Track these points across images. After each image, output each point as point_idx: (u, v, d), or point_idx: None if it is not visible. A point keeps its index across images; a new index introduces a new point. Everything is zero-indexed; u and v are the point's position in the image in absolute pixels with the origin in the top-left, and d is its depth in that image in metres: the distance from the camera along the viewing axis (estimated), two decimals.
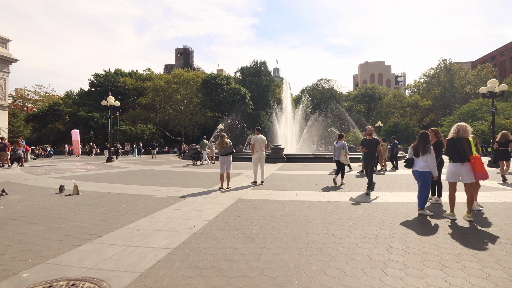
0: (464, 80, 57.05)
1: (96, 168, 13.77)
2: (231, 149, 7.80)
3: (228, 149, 7.74)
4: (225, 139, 7.81)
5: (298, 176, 10.11)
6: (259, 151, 8.28)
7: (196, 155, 16.87)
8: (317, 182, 8.66)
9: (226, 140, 7.80)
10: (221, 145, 7.75)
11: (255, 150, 8.30)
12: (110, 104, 18.36)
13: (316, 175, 10.61)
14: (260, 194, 6.54)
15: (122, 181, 8.99)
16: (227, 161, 7.68)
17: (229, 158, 7.76)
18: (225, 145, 7.72)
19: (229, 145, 7.79)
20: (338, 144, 8.49)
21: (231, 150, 7.80)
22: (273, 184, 8.13)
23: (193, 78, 49.34)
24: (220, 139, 7.84)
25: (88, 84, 57.16)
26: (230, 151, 7.77)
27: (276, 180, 9.10)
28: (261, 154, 8.31)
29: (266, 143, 8.51)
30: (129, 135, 40.43)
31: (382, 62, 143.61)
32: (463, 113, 41.51)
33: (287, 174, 10.95)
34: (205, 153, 16.48)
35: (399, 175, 10.66)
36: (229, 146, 7.80)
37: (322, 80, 69.76)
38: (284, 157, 17.60)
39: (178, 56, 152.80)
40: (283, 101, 26.38)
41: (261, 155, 8.32)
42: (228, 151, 7.74)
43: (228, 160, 7.71)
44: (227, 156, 7.72)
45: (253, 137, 8.36)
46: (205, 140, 16.82)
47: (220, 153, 7.80)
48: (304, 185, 7.95)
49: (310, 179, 9.28)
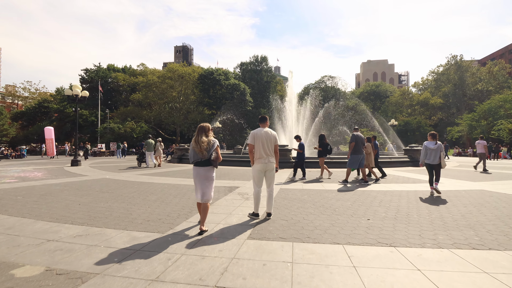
0: (475, 77, 53.62)
1: (39, 176, 10.19)
2: (215, 155, 3.87)
3: (210, 153, 3.85)
4: (203, 135, 3.87)
5: (326, 196, 6.51)
6: (264, 158, 4.43)
7: (141, 156, 15.05)
8: (371, 207, 5.10)
9: (205, 137, 3.86)
10: (198, 144, 3.83)
11: (257, 156, 4.46)
12: (75, 94, 14.76)
13: (361, 191, 7.03)
14: (266, 263, 2.84)
15: (30, 208, 5.40)
16: (204, 176, 3.87)
17: (210, 172, 3.92)
18: (204, 145, 3.80)
19: (211, 146, 3.87)
20: (433, 145, 6.69)
21: (215, 156, 3.87)
22: (290, 222, 4.30)
23: (189, 73, 45.72)
24: (197, 134, 3.92)
25: (79, 80, 53.69)
26: (212, 158, 3.84)
27: (291, 206, 5.46)
28: (268, 163, 4.47)
29: (277, 143, 4.64)
30: (117, 134, 36.77)
31: (385, 61, 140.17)
32: (484, 110, 37.86)
33: (306, 190, 7.36)
34: (149, 154, 14.73)
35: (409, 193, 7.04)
36: (212, 147, 3.87)
37: (326, 77, 66.21)
38: (292, 160, 14.02)
39: (177, 54, 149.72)
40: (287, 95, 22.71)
41: (268, 166, 4.48)
42: (208, 158, 3.84)
43: (207, 176, 3.88)
44: (206, 168, 3.88)
45: (254, 133, 4.54)
46: (151, 139, 15.06)
47: (194, 158, 3.89)
48: (355, 222, 4.30)
49: (353, 201, 5.71)
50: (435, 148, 6.67)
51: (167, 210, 4.99)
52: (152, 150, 14.88)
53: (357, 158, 8.48)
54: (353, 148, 8.49)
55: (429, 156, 6.72)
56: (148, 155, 14.68)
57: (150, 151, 14.74)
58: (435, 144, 6.69)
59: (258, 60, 55.27)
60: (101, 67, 54.17)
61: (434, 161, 6.64)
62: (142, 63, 58.75)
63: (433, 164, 6.66)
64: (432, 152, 6.67)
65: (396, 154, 18.27)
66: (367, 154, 9.30)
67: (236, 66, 58.41)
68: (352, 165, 8.55)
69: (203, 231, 3.73)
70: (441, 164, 6.62)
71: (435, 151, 6.64)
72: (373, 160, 9.44)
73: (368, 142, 9.59)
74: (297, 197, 6.27)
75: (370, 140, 9.75)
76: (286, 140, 19.50)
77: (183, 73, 45.02)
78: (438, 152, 6.63)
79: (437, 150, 6.65)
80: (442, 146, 6.77)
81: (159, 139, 15.91)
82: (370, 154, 9.37)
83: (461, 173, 11.54)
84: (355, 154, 8.49)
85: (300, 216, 4.59)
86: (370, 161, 9.34)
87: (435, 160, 6.63)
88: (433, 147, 6.68)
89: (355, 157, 8.49)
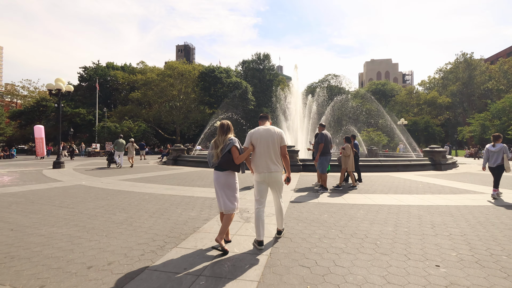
0: (485, 76, 51.67)
1: (3, 182, 8.68)
2: (227, 158, 3.21)
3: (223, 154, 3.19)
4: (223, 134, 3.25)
5: (352, 215, 4.89)
6: (263, 165, 3.32)
7: (110, 157, 14.68)
8: (426, 236, 3.45)
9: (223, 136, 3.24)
10: (217, 144, 3.23)
11: (257, 163, 3.35)
12: (57, 88, 13.23)
13: (396, 206, 5.44)
14: None
15: None
16: (224, 183, 3.22)
17: (230, 177, 3.25)
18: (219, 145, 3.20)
19: (225, 146, 3.19)
20: (495, 147, 6.29)
21: (226, 159, 3.20)
22: (315, 272, 2.70)
23: (189, 71, 44.21)
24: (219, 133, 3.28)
25: (77, 78, 52.46)
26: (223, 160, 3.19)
27: (310, 235, 3.83)
28: (272, 173, 3.31)
29: (284, 143, 3.41)
30: (114, 133, 35.28)
31: (389, 60, 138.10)
32: (498, 109, 35.88)
33: (322, 204, 5.76)
34: (118, 154, 14.26)
35: None
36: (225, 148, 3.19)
37: (330, 76, 64.45)
38: (300, 163, 12.40)
39: (179, 53, 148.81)
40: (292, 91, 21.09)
41: (272, 176, 3.32)
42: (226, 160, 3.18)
43: (227, 182, 3.22)
44: (225, 173, 3.22)
45: (251, 133, 3.42)
46: (122, 139, 14.68)
47: (210, 162, 3.27)
48: (419, 273, 2.69)
49: (393, 224, 4.07)
50: (496, 150, 6.32)
51: (130, 242, 3.42)
52: (122, 150, 14.47)
53: (327, 159, 7.38)
54: (322, 149, 7.26)
55: (490, 158, 6.46)
56: (117, 155, 14.30)
57: (120, 151, 14.37)
58: (496, 146, 6.32)
59: (261, 58, 53.61)
60: (100, 65, 52.89)
61: (495, 163, 6.32)
62: (142, 61, 57.32)
63: (493, 167, 6.37)
64: (493, 155, 6.36)
65: (413, 156, 16.59)
66: (346, 157, 7.78)
67: (238, 64, 56.79)
68: (325, 169, 7.31)
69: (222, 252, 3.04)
70: (503, 167, 6.21)
71: (497, 153, 6.31)
72: (352, 163, 7.86)
73: (347, 142, 8.03)
74: (314, 216, 4.67)
75: (350, 140, 8.17)
76: (291, 141, 17.89)
77: (183, 71, 43.56)
78: (499, 154, 6.28)
79: (498, 152, 6.29)
80: (506, 147, 6.29)
81: (131, 139, 15.64)
82: (350, 157, 7.79)
83: None
84: (325, 155, 7.34)
85: (327, 256, 3.00)
86: (349, 164, 7.78)
87: (496, 162, 6.30)
88: (494, 149, 6.34)
89: (325, 159, 7.34)
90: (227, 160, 3.16)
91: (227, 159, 3.16)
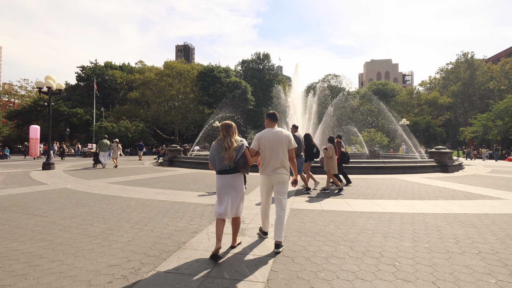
0: (486, 76, 51.14)
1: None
2: (244, 160, 3.08)
3: (238, 157, 3.04)
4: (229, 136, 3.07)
5: (362, 226, 4.33)
6: (270, 167, 3.25)
7: (95, 157, 14.59)
8: (453, 256, 2.86)
9: (232, 137, 3.07)
10: (228, 148, 3.01)
11: (264, 166, 3.29)
12: (47, 86, 12.65)
13: (409, 215, 4.88)
14: None
15: None
16: (234, 185, 3.08)
17: (239, 179, 3.13)
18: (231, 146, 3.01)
19: (239, 149, 3.07)
20: None
21: (243, 162, 3.07)
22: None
23: (188, 70, 43.61)
24: (225, 135, 3.07)
25: (75, 78, 51.94)
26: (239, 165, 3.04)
27: (315, 253, 3.27)
28: (277, 174, 3.25)
29: (292, 146, 3.35)
30: (110, 133, 34.67)
31: (389, 60, 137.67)
32: (500, 110, 35.32)
33: (326, 212, 5.20)
34: (103, 155, 14.27)
35: None
36: (240, 151, 3.06)
37: (330, 75, 63.89)
38: None
39: (178, 53, 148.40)
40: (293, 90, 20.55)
41: (276, 177, 3.26)
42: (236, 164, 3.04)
43: (236, 184, 3.08)
44: (235, 175, 3.09)
45: (259, 136, 3.34)
46: (106, 140, 14.74)
47: (220, 166, 3.06)
48: None
49: (410, 238, 3.48)
50: None
51: (100, 263, 2.84)
52: (106, 150, 14.50)
53: (300, 162, 7.08)
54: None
55: None
56: (102, 155, 14.25)
57: (104, 152, 14.39)
58: None
59: (260, 57, 53.10)
60: (98, 64, 52.28)
61: None
62: (140, 60, 56.71)
63: None
64: None
65: (418, 157, 16.03)
66: (328, 158, 7.23)
67: (238, 63, 56.23)
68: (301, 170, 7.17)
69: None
70: None
71: None
72: (335, 165, 7.29)
73: (330, 143, 7.44)
74: (318, 228, 4.11)
75: (333, 140, 7.55)
76: None
77: (182, 70, 42.97)
78: None
79: None
80: None
81: (116, 140, 15.60)
82: (332, 158, 7.22)
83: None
84: (298, 158, 6.96)
85: (338, 285, 2.43)
86: (331, 166, 7.22)
87: None
88: None
89: (299, 161, 7.02)
90: (244, 163, 3.08)
91: (244, 161, 3.08)
